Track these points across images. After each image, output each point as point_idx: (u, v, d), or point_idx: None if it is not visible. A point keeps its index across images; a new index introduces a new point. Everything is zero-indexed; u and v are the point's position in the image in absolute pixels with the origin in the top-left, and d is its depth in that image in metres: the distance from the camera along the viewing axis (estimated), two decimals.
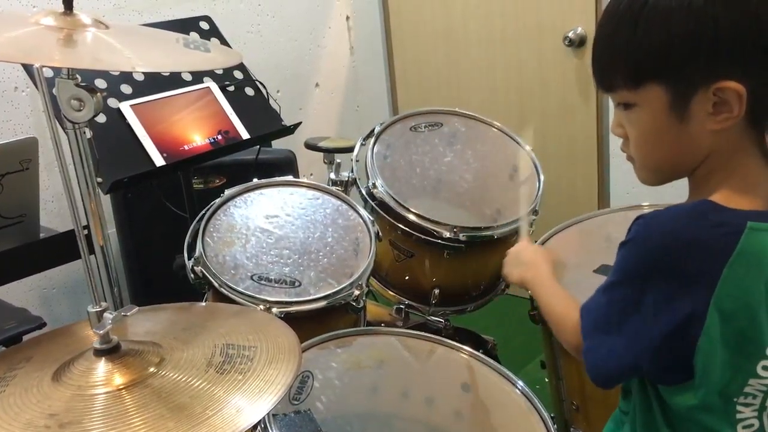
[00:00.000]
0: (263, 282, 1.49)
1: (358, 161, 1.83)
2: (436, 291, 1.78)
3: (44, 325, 1.82)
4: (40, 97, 1.05)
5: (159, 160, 1.72)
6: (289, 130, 2.01)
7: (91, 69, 1.54)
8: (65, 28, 1.09)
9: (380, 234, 1.67)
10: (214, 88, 1.92)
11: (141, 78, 1.82)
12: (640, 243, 0.88)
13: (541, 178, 1.82)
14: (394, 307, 1.84)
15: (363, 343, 1.45)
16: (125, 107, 1.74)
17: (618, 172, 2.66)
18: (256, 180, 1.69)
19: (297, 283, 1.51)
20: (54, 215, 2.27)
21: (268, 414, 1.17)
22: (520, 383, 1.38)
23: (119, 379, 0.96)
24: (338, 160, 1.94)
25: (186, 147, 1.78)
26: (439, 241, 1.69)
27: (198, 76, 1.91)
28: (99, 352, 1.00)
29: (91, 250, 1.14)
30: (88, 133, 1.11)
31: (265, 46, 2.89)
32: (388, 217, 1.72)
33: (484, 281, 1.86)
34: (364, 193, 1.76)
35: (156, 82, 1.83)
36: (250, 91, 1.99)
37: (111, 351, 1.00)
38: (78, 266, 1.16)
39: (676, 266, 0.85)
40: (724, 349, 0.86)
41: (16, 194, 1.53)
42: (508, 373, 1.41)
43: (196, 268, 1.48)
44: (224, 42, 2.04)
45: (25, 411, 0.91)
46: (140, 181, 1.77)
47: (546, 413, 1.32)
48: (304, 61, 3.07)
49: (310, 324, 1.46)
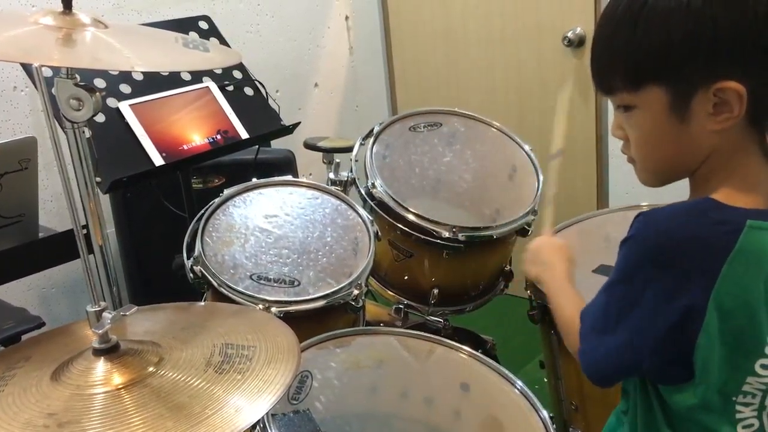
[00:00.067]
0: (262, 281, 1.49)
1: (357, 161, 1.83)
2: (435, 291, 1.78)
3: (43, 324, 1.82)
4: (39, 97, 1.05)
5: (158, 160, 1.72)
6: (288, 130, 2.01)
7: (90, 68, 1.54)
8: (64, 28, 1.09)
9: (379, 234, 1.67)
10: (213, 87, 1.91)
11: (140, 77, 1.81)
12: (640, 240, 0.88)
13: (541, 178, 1.82)
14: (393, 307, 1.84)
15: (362, 343, 1.45)
16: (124, 107, 1.74)
17: (617, 172, 2.66)
18: (255, 180, 1.69)
19: (296, 283, 1.51)
20: (53, 215, 2.27)
21: (267, 414, 1.17)
22: (519, 383, 1.38)
23: (118, 379, 0.96)
24: (337, 160, 1.94)
25: (185, 147, 1.78)
26: (438, 241, 1.69)
27: (197, 76, 1.91)
28: (98, 352, 1.00)
29: (90, 250, 1.14)
30: (87, 133, 1.11)
31: (265, 46, 2.89)
32: (388, 217, 1.72)
33: (483, 281, 1.86)
34: (363, 192, 1.76)
35: (155, 82, 1.83)
36: (249, 91, 1.99)
37: (110, 350, 1.00)
38: (77, 266, 1.16)
39: (676, 263, 0.85)
40: (723, 346, 0.86)
41: (15, 194, 1.53)
42: (507, 373, 1.41)
43: (195, 267, 1.48)
44: (223, 42, 2.04)
45: (24, 410, 0.91)
46: (139, 181, 1.77)
47: (545, 413, 1.32)
48: (304, 61, 3.07)
49: (309, 324, 1.46)
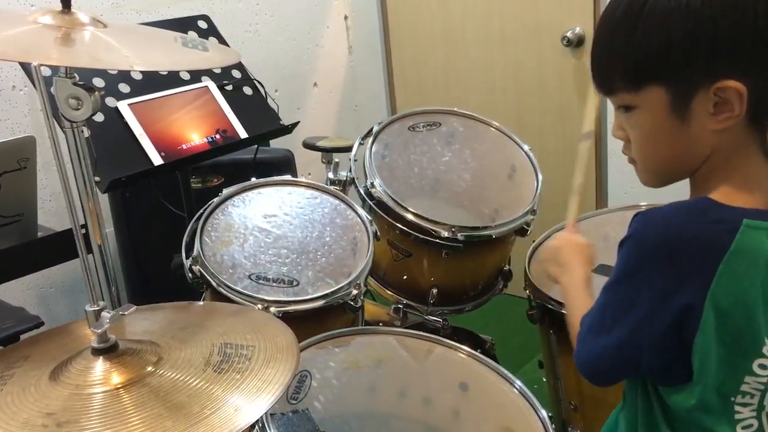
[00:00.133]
0: (261, 281, 1.49)
1: (356, 161, 1.83)
2: (434, 290, 1.78)
3: (42, 324, 1.81)
4: (38, 96, 1.05)
5: (157, 159, 1.72)
6: (288, 130, 2.01)
7: (89, 68, 1.53)
8: (63, 27, 1.08)
9: (378, 233, 1.67)
10: (212, 87, 1.91)
11: (139, 77, 1.81)
12: (639, 239, 0.88)
13: (540, 178, 1.82)
14: (392, 307, 1.84)
15: (361, 343, 1.45)
16: (123, 106, 1.74)
17: (616, 172, 2.66)
18: (254, 179, 1.69)
19: (295, 283, 1.51)
20: (52, 214, 2.27)
21: (266, 413, 1.17)
22: (518, 383, 1.38)
23: (117, 378, 0.96)
24: (336, 160, 1.94)
25: (184, 146, 1.78)
26: (438, 240, 1.69)
27: (196, 75, 1.91)
28: (97, 351, 1.00)
29: (89, 249, 1.13)
30: (86, 132, 1.10)
31: (264, 46, 2.88)
32: (387, 217, 1.72)
33: (482, 281, 1.86)
34: (363, 192, 1.76)
35: (154, 81, 1.83)
36: (248, 91, 1.99)
37: (109, 350, 1.00)
38: (76, 265, 1.16)
39: (674, 262, 0.85)
40: (720, 346, 0.86)
41: (14, 193, 1.53)
42: (506, 372, 1.41)
43: (194, 267, 1.48)
44: (222, 41, 2.04)
45: (23, 410, 0.91)
46: (138, 181, 1.77)
47: (544, 413, 1.32)
48: (303, 61, 3.07)
49: (308, 323, 1.46)
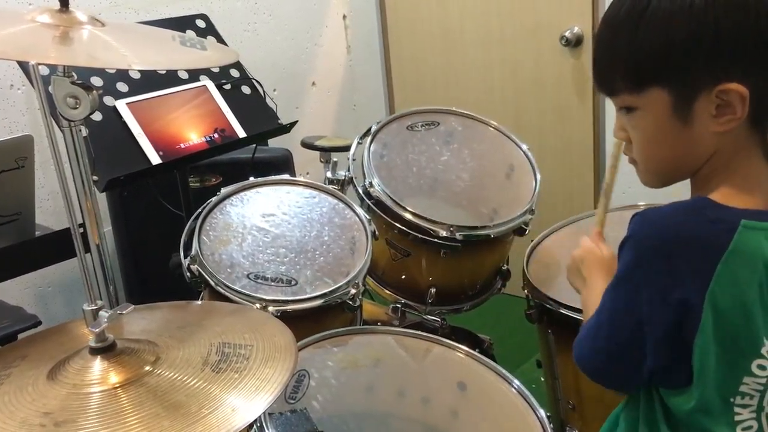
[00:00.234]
0: (259, 281, 1.49)
1: (354, 160, 1.83)
2: (433, 290, 1.78)
3: (39, 323, 1.81)
4: (36, 95, 1.05)
5: (155, 159, 1.72)
6: (286, 129, 2.00)
7: (87, 67, 1.53)
8: (61, 26, 1.08)
9: (377, 233, 1.66)
10: (211, 86, 1.91)
11: (137, 76, 1.81)
12: (638, 239, 0.88)
13: (538, 177, 1.82)
14: (391, 306, 1.84)
15: (359, 342, 1.45)
16: (121, 105, 1.74)
17: None
18: (252, 178, 1.69)
19: (293, 282, 1.51)
20: (49, 213, 2.26)
21: (264, 413, 1.17)
22: (516, 382, 1.38)
23: (115, 378, 0.96)
24: (335, 159, 1.94)
25: (182, 145, 1.77)
26: (436, 240, 1.69)
27: (194, 75, 1.91)
28: (94, 351, 1.00)
29: (87, 249, 1.13)
30: (84, 131, 1.10)
31: (262, 45, 2.88)
32: (385, 216, 1.72)
33: (481, 280, 1.86)
34: (361, 191, 1.76)
35: (152, 80, 1.83)
36: (246, 90, 1.99)
37: (106, 349, 1.00)
38: (73, 264, 1.16)
39: (673, 261, 0.85)
40: (719, 346, 0.86)
41: (12, 192, 1.52)
42: (505, 372, 1.41)
43: (192, 266, 1.48)
44: (221, 40, 2.03)
45: (20, 409, 0.91)
46: (136, 180, 1.77)
47: (542, 412, 1.32)
48: (301, 60, 3.06)
49: (307, 323, 1.46)
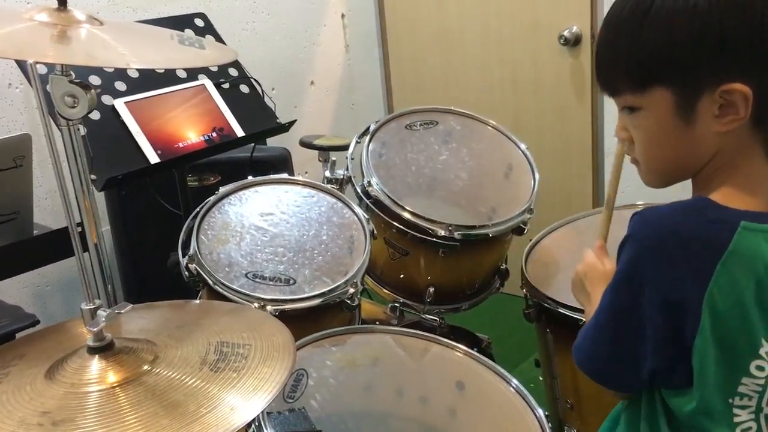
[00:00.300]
0: (258, 280, 1.49)
1: (353, 159, 1.82)
2: (431, 289, 1.78)
3: (38, 322, 1.81)
4: (34, 94, 1.05)
5: (153, 158, 1.71)
6: (284, 128, 2.00)
7: (85, 65, 1.53)
8: (59, 25, 1.08)
9: (375, 232, 1.66)
10: (209, 85, 1.91)
11: (135, 75, 1.81)
12: (637, 239, 0.88)
13: (537, 177, 1.82)
14: (389, 306, 1.84)
15: (358, 342, 1.45)
16: (119, 104, 1.74)
17: None
18: (250, 177, 1.68)
19: (292, 281, 1.50)
20: (47, 212, 2.26)
21: (263, 412, 1.17)
22: (515, 381, 1.38)
23: (113, 377, 0.96)
24: (333, 158, 1.94)
25: (180, 144, 1.77)
26: (434, 239, 1.69)
27: (193, 74, 1.91)
28: (92, 350, 0.99)
29: (85, 248, 1.13)
30: (82, 130, 1.10)
31: (260, 44, 2.88)
32: (383, 216, 1.72)
33: (479, 279, 1.86)
34: (359, 191, 1.76)
35: (150, 79, 1.82)
36: (245, 89, 1.99)
37: (105, 348, 1.00)
38: (71, 263, 1.15)
39: (672, 261, 0.85)
40: (717, 347, 0.86)
41: (10, 191, 1.52)
42: (503, 371, 1.41)
43: (190, 265, 1.48)
44: (219, 39, 2.03)
45: (18, 409, 0.91)
46: (134, 179, 1.77)
47: (540, 411, 1.32)
48: (299, 59, 3.06)
49: (305, 322, 1.46)
